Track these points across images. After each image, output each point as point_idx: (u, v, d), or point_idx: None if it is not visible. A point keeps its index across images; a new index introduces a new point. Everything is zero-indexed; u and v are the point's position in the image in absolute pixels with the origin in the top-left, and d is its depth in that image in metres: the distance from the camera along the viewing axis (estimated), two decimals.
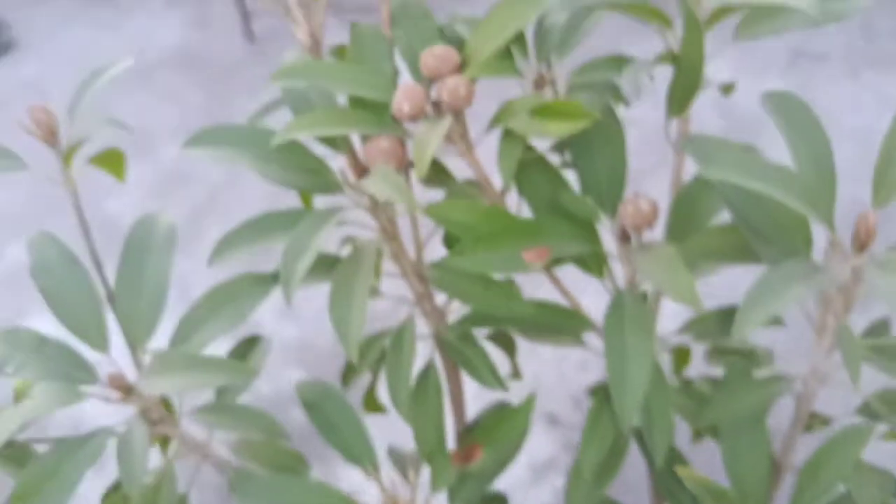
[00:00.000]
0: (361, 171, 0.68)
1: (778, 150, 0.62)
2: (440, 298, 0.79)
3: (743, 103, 1.85)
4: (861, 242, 0.58)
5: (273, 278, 0.68)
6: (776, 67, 2.07)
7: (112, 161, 0.81)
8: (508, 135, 0.63)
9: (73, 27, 2.75)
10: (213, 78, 2.49)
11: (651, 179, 1.54)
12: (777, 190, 0.56)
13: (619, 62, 0.66)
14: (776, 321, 0.75)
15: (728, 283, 1.50)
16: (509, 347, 0.86)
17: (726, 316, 0.74)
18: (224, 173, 2.10)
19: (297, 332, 1.69)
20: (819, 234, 0.62)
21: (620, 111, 0.69)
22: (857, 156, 0.78)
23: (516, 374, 0.91)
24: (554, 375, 1.53)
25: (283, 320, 1.70)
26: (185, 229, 2.05)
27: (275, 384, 1.60)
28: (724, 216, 0.68)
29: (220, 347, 0.76)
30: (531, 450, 1.30)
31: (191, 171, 2.17)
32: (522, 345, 0.86)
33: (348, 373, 0.83)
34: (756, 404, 0.65)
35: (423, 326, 0.79)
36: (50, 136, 0.71)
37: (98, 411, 1.64)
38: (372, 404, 0.92)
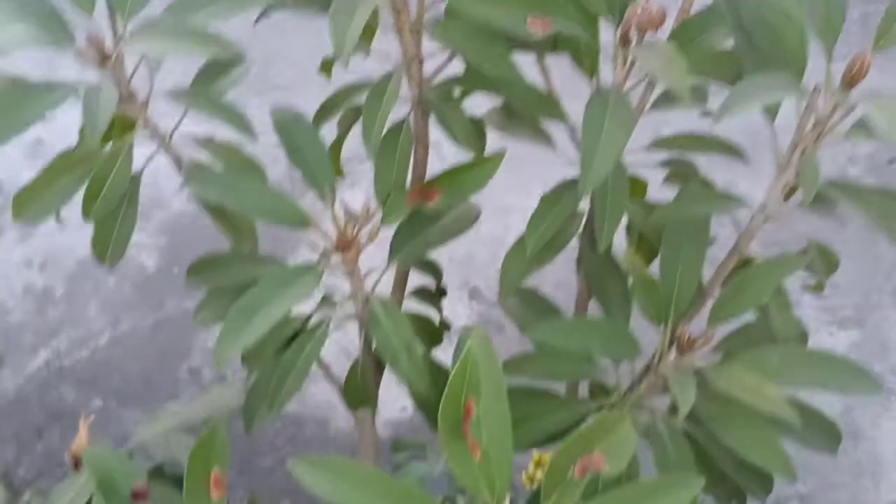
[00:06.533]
0: None
1: None
2: (427, 67, 0.78)
3: None
4: (852, 78, 0.60)
5: None
6: None
7: None
8: None
9: None
10: None
11: None
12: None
13: None
14: (735, 152, 0.78)
15: None
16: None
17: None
18: None
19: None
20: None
21: None
22: None
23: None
24: (487, 256, 1.55)
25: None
26: None
27: None
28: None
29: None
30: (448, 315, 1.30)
31: None
32: None
33: (319, 115, 0.82)
34: (703, 215, 0.68)
35: (404, 91, 0.79)
36: None
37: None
38: (333, 159, 0.92)
